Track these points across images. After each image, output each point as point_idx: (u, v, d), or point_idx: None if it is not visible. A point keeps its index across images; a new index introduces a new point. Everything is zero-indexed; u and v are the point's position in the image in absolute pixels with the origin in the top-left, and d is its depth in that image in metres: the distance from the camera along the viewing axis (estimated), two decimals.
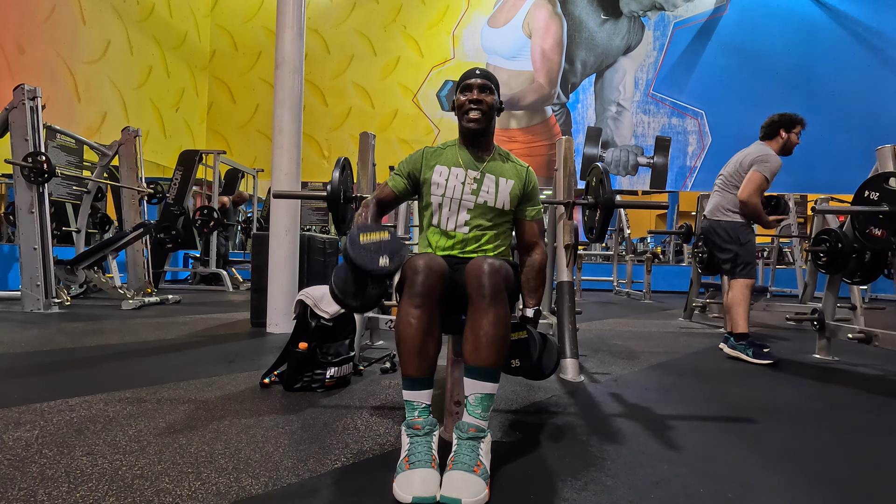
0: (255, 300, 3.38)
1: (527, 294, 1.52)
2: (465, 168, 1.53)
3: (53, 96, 5.34)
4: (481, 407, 1.18)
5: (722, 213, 2.83)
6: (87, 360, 2.27)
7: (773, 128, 2.78)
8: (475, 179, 1.52)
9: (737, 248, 2.75)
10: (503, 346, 1.20)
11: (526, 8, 7.80)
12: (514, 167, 1.57)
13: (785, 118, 2.76)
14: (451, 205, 1.52)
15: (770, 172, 2.66)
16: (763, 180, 2.65)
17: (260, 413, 1.59)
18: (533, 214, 1.59)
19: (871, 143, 3.01)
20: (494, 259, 1.28)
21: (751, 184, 2.67)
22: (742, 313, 2.69)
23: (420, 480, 1.04)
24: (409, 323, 1.21)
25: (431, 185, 1.53)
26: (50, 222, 3.95)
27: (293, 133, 3.21)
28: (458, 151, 1.56)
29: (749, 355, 2.59)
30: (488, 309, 1.19)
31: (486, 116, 1.50)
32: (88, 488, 1.06)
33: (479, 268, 1.23)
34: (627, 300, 6.43)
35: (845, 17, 7.33)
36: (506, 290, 1.24)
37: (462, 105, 1.50)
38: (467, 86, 1.50)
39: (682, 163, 7.62)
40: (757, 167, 2.67)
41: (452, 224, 1.52)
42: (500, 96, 1.54)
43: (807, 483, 1.19)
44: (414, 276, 1.24)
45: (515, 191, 1.53)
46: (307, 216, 8.53)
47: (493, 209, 1.52)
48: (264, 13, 8.08)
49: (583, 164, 7.48)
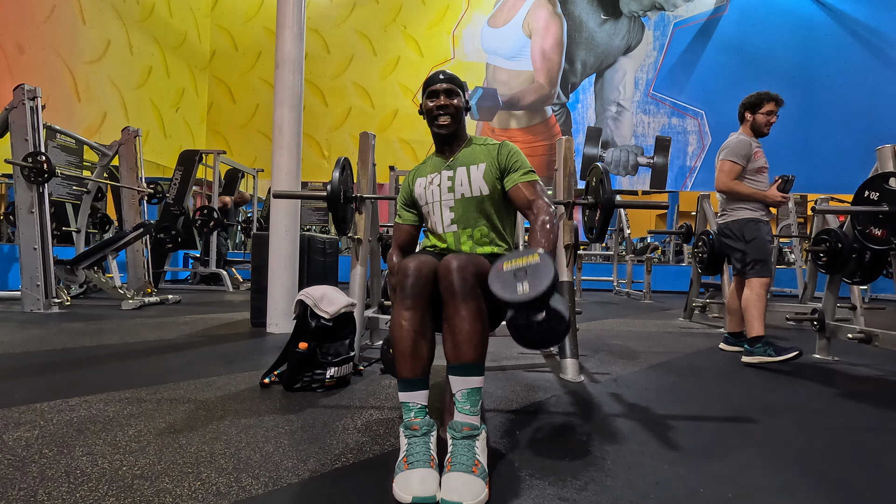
0: (255, 300, 3.38)
1: (532, 244, 1.39)
2: (439, 171, 1.58)
3: (53, 96, 5.34)
4: (469, 402, 1.18)
5: (728, 213, 2.80)
6: (87, 360, 2.27)
7: (740, 112, 2.80)
8: (449, 178, 1.55)
9: (743, 245, 2.68)
10: (480, 340, 1.20)
11: (526, 8, 7.80)
12: (485, 149, 1.56)
13: (748, 100, 2.76)
14: (434, 209, 1.57)
15: (735, 155, 2.65)
16: (729, 164, 2.66)
17: (260, 413, 1.59)
18: (518, 178, 1.49)
19: (871, 143, 3.01)
20: (463, 254, 1.28)
21: (720, 173, 2.70)
22: (757, 315, 2.57)
23: (419, 480, 1.05)
24: (401, 325, 1.22)
25: (418, 199, 1.61)
26: (50, 222, 3.96)
27: (293, 133, 3.21)
28: (434, 159, 1.63)
29: (772, 355, 2.46)
30: (459, 305, 1.19)
31: (455, 119, 1.54)
32: (88, 488, 1.06)
33: (447, 266, 1.23)
34: (627, 300, 6.43)
35: (845, 17, 7.34)
36: (477, 284, 1.22)
37: (430, 111, 1.54)
38: (433, 92, 1.54)
39: (682, 163, 7.62)
40: (722, 156, 2.72)
41: (441, 227, 1.56)
42: (465, 96, 1.58)
43: (807, 483, 1.19)
44: (404, 279, 1.25)
45: (489, 171, 1.52)
46: (307, 216, 8.54)
47: (472, 199, 1.52)
48: (264, 13, 8.08)
49: (583, 164, 7.48)
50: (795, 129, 7.16)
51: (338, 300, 1.94)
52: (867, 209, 2.26)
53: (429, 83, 1.56)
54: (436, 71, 1.58)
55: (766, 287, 2.61)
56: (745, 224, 2.71)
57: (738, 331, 2.89)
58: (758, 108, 2.73)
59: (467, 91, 1.60)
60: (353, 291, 2.30)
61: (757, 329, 2.55)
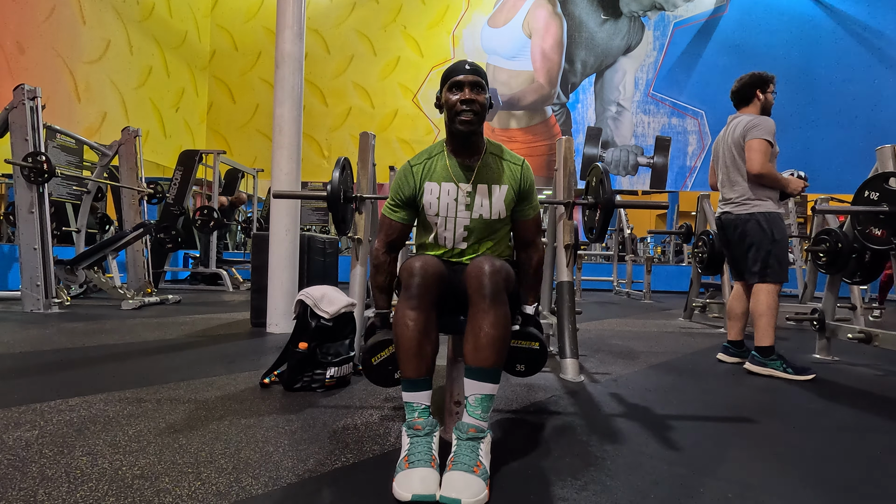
0: (255, 300, 3.38)
1: (525, 291, 1.48)
2: (456, 182, 1.40)
3: (53, 96, 5.34)
4: (481, 408, 1.18)
5: (750, 203, 2.44)
6: (87, 360, 2.27)
7: (747, 90, 2.51)
8: (468, 194, 1.40)
9: (769, 244, 2.37)
10: (503, 347, 1.20)
11: (526, 8, 7.80)
12: (507, 167, 1.43)
13: (756, 77, 2.49)
14: (446, 223, 1.42)
15: (770, 134, 2.35)
16: (765, 144, 2.34)
17: (260, 413, 1.59)
18: (529, 214, 1.47)
19: (871, 143, 3.00)
20: (495, 259, 1.26)
21: (755, 153, 2.34)
22: (771, 323, 2.35)
23: (419, 479, 1.05)
24: (406, 325, 1.21)
25: (424, 205, 1.42)
26: (50, 222, 3.96)
27: (293, 133, 3.21)
28: (446, 161, 1.41)
29: (789, 373, 2.27)
30: (489, 310, 1.19)
31: (479, 118, 1.36)
32: (88, 488, 1.06)
33: (479, 268, 1.22)
34: (627, 300, 6.43)
35: (845, 17, 7.33)
36: (506, 291, 1.23)
37: (453, 106, 1.34)
38: (457, 83, 1.34)
39: (682, 163, 7.62)
40: (754, 134, 2.36)
41: (451, 241, 1.44)
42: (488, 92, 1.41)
43: (807, 483, 1.19)
44: (410, 279, 1.24)
45: (510, 196, 1.42)
46: (307, 216, 8.54)
47: (488, 221, 1.42)
48: (264, 13, 8.08)
49: (583, 164, 7.48)
50: (795, 129, 7.16)
51: (338, 300, 1.94)
52: (867, 209, 2.26)
53: (451, 73, 1.36)
54: (460, 60, 1.38)
55: (779, 293, 2.41)
56: (773, 219, 2.39)
57: (740, 339, 2.61)
58: (766, 86, 2.48)
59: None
60: (353, 291, 2.30)
61: (769, 338, 2.35)
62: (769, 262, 2.38)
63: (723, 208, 2.60)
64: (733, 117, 2.57)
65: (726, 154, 2.54)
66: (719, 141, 2.63)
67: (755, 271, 2.41)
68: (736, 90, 2.56)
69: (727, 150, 2.54)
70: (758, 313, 2.38)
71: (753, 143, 2.36)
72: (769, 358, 2.33)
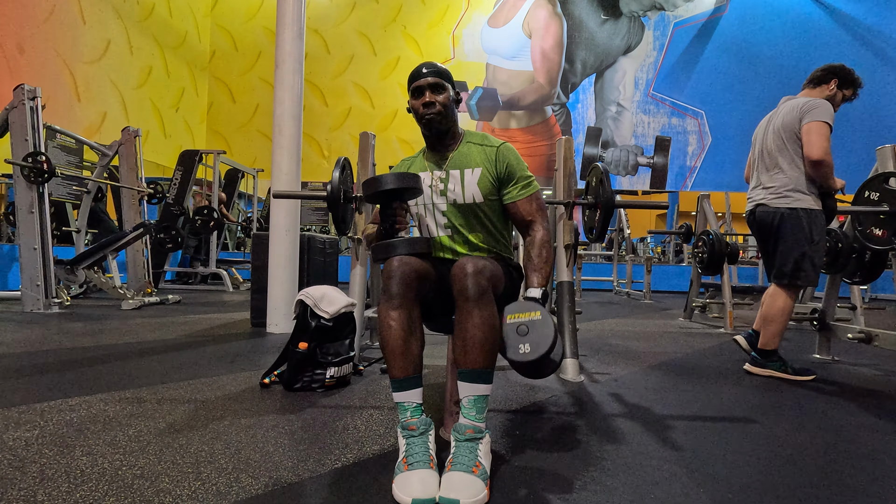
0: (255, 300, 3.38)
1: (529, 274, 1.39)
2: (431, 171, 1.47)
3: (53, 96, 5.34)
4: (475, 409, 1.17)
5: (792, 196, 2.21)
6: (88, 360, 2.27)
7: (826, 75, 2.27)
8: (441, 179, 1.45)
9: (806, 245, 2.18)
10: (491, 348, 1.19)
11: (526, 8, 7.80)
12: (482, 151, 1.44)
13: (844, 71, 2.26)
14: (426, 211, 1.48)
15: (831, 118, 2.14)
16: (827, 129, 2.13)
17: (260, 413, 1.59)
18: (519, 194, 1.43)
19: (871, 143, 3.00)
20: (479, 259, 1.24)
21: (818, 137, 2.12)
22: (781, 330, 2.27)
23: (419, 481, 1.05)
24: (389, 325, 1.20)
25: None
26: (50, 222, 3.96)
27: (293, 133, 3.21)
28: (424, 156, 1.52)
29: (789, 372, 2.24)
30: (472, 311, 1.17)
31: (444, 117, 1.42)
32: (88, 488, 1.06)
33: (462, 270, 1.20)
34: (627, 300, 6.43)
35: (845, 17, 7.33)
36: (492, 291, 1.21)
37: (417, 110, 1.43)
38: (418, 88, 1.42)
39: (682, 163, 7.62)
40: (814, 116, 2.13)
41: (434, 230, 1.48)
42: (454, 87, 1.46)
43: (807, 483, 1.19)
44: (389, 280, 1.23)
45: (486, 179, 1.41)
46: (307, 216, 8.53)
47: (464, 206, 1.43)
48: (264, 13, 8.08)
49: (583, 164, 7.48)
50: None
51: (338, 300, 1.94)
52: (867, 209, 2.26)
53: (412, 79, 1.43)
54: (420, 64, 1.43)
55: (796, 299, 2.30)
56: (814, 218, 2.19)
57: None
58: (849, 86, 2.27)
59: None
60: (353, 291, 2.30)
61: (776, 343, 2.29)
62: (803, 266, 2.19)
63: (756, 199, 2.34)
64: (786, 99, 2.32)
65: (770, 138, 2.30)
66: (762, 127, 2.40)
67: (785, 271, 2.22)
68: (818, 70, 2.31)
69: (772, 134, 2.29)
70: (770, 317, 2.27)
71: (814, 125, 2.13)
72: (772, 362, 2.31)
